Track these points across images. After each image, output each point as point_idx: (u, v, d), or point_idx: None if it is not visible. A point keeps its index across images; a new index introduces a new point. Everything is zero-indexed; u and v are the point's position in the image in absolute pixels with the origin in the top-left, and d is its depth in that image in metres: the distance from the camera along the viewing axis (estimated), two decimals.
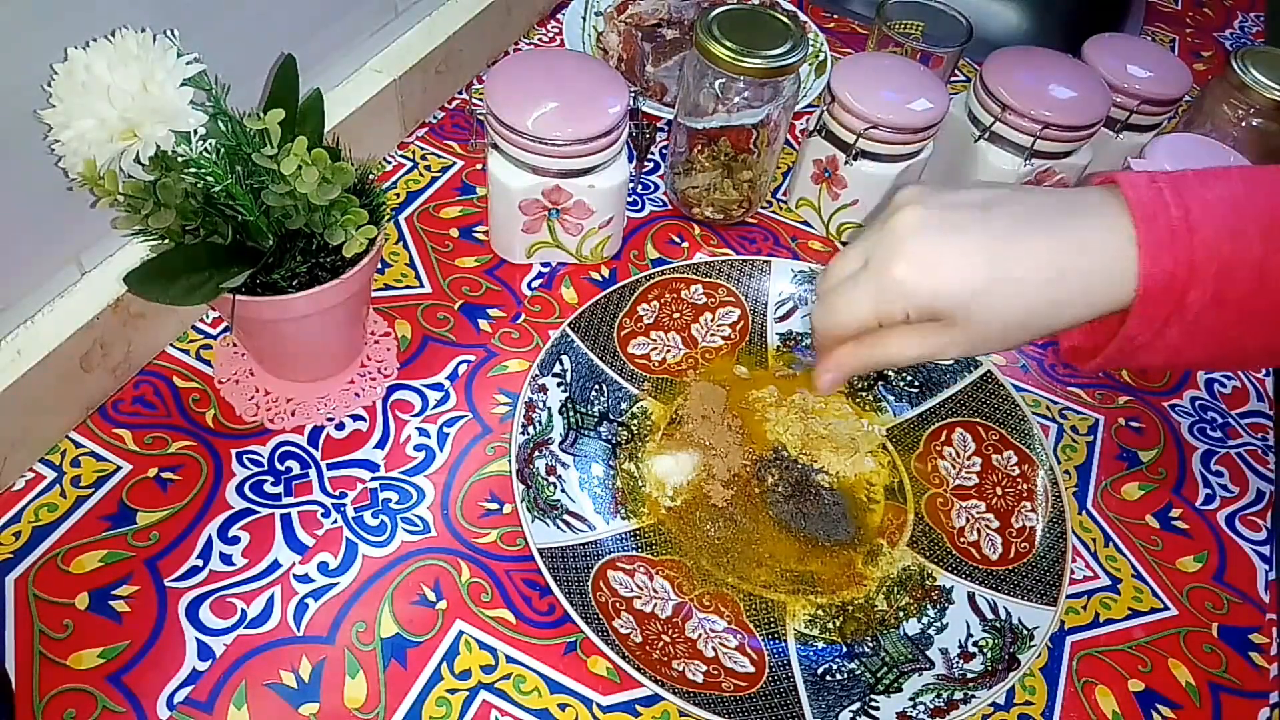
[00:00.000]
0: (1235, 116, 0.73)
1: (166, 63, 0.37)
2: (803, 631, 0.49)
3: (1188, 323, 0.34)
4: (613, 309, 0.58)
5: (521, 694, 0.45)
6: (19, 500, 0.48)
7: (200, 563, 0.47)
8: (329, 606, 0.47)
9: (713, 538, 0.52)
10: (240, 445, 0.52)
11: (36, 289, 0.49)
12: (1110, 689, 0.49)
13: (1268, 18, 1.06)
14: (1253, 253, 0.33)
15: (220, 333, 0.57)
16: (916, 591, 0.51)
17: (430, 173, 0.69)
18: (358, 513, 0.50)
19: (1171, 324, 0.34)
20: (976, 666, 0.47)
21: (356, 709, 0.44)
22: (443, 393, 0.57)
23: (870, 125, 0.62)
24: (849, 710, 0.45)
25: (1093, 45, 0.72)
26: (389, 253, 0.63)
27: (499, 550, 0.50)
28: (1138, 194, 0.34)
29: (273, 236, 0.46)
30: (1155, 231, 0.33)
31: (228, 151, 0.42)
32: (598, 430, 0.55)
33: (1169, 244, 0.33)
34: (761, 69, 0.58)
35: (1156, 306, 0.34)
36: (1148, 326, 0.34)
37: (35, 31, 0.42)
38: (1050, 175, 0.68)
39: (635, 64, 0.76)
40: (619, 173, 0.60)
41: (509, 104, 0.56)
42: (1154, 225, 0.33)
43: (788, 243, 0.70)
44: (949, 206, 0.37)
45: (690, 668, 0.45)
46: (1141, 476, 0.59)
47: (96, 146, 0.37)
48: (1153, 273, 0.33)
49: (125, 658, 0.44)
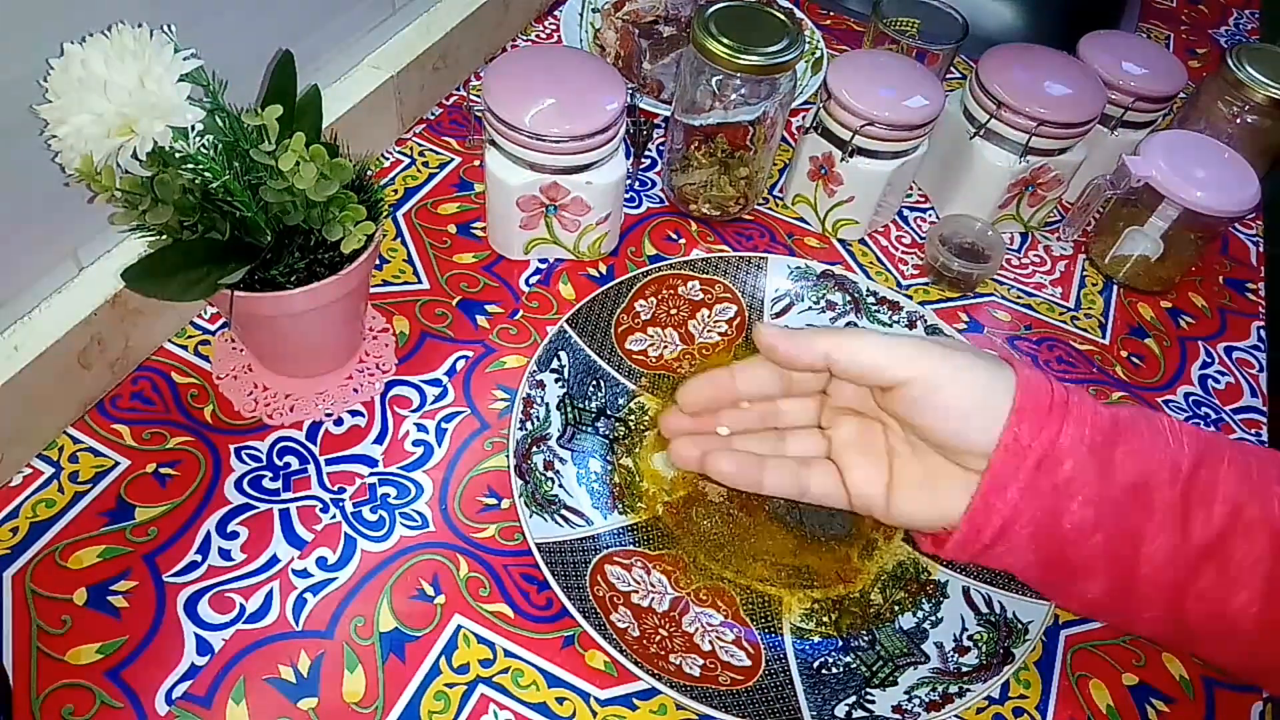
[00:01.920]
0: (1230, 113, 0.73)
1: (164, 58, 0.37)
2: (799, 625, 0.49)
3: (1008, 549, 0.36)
4: (610, 305, 0.58)
5: (520, 688, 0.46)
6: (16, 496, 0.48)
7: (199, 558, 0.48)
8: (328, 601, 0.47)
9: (709, 532, 0.52)
10: (239, 441, 0.52)
11: (34, 284, 0.49)
12: (1104, 683, 0.49)
13: (1262, 14, 1.07)
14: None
15: (218, 329, 0.57)
16: (912, 586, 0.51)
17: (428, 169, 0.69)
18: (356, 508, 0.51)
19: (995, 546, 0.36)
20: (971, 660, 0.47)
21: (355, 703, 0.44)
22: (441, 388, 0.57)
23: (866, 122, 0.62)
24: (845, 704, 0.45)
25: (1088, 42, 0.72)
26: (387, 249, 0.63)
27: (497, 545, 0.50)
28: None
29: (271, 232, 0.46)
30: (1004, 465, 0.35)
31: (225, 147, 0.42)
32: (595, 426, 0.55)
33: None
34: (758, 66, 0.58)
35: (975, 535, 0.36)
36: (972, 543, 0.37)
37: (32, 27, 0.42)
38: (1045, 172, 0.68)
39: (632, 61, 0.76)
40: (616, 169, 0.60)
41: (507, 100, 0.56)
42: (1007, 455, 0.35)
43: (784, 239, 0.70)
44: None
45: (687, 661, 0.45)
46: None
47: (93, 142, 0.37)
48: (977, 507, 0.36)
49: (124, 653, 0.44)
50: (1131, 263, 0.69)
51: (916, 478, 0.38)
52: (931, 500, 0.38)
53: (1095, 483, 0.34)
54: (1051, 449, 0.34)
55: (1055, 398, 0.35)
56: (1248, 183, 0.64)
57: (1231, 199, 0.63)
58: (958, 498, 0.36)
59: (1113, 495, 0.34)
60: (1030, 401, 0.35)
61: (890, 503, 0.39)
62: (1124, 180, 0.65)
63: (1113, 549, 0.35)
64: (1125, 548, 0.35)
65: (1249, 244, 0.78)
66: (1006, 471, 0.35)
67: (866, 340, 0.37)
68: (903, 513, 0.39)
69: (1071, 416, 0.35)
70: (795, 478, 0.41)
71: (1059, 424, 0.35)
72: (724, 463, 0.40)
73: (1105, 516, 0.35)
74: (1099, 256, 0.71)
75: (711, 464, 0.40)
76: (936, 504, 0.38)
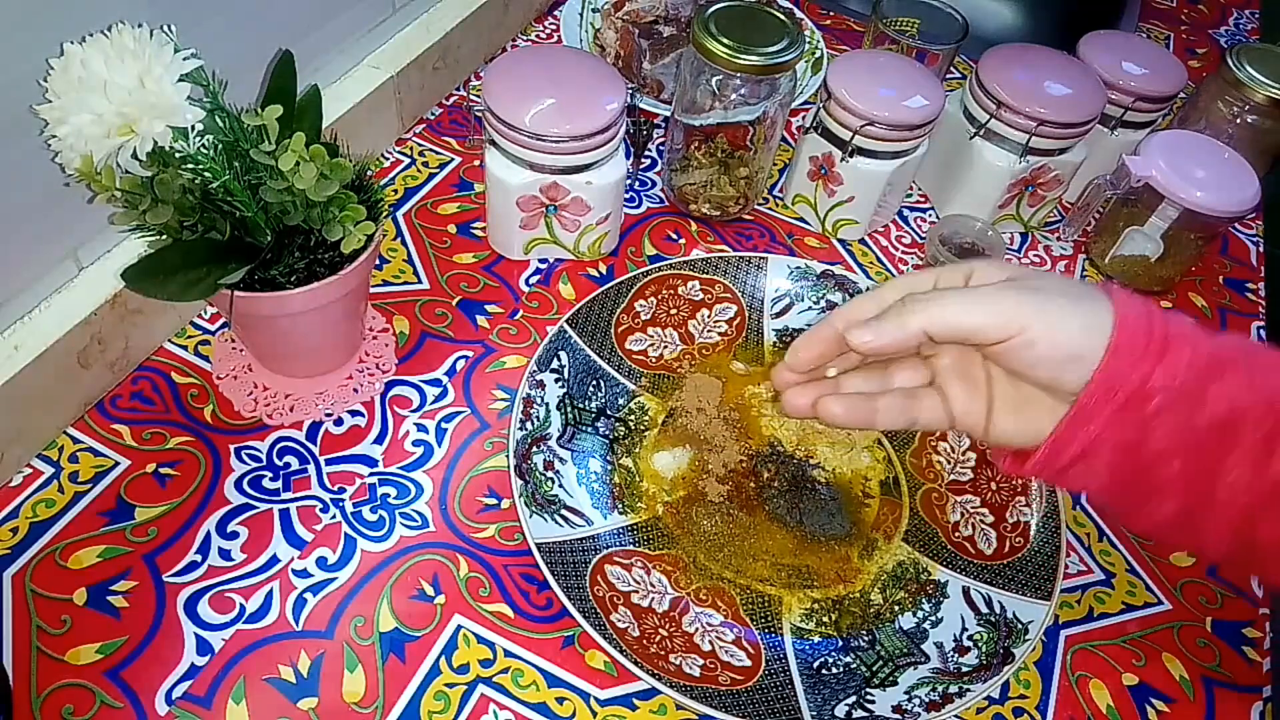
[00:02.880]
0: (1230, 113, 0.73)
1: (163, 58, 0.37)
2: (799, 625, 0.49)
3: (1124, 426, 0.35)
4: (610, 305, 0.58)
5: (519, 688, 0.46)
6: (16, 496, 0.48)
7: (199, 558, 0.47)
8: (328, 601, 0.47)
9: (709, 532, 0.52)
10: (239, 441, 0.52)
11: (34, 285, 0.49)
12: (1104, 683, 0.49)
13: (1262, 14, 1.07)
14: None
15: (218, 329, 0.57)
16: (912, 586, 0.51)
17: (428, 169, 0.69)
18: (356, 508, 0.51)
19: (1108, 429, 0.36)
20: (971, 660, 0.47)
21: (355, 703, 0.44)
22: (441, 388, 0.57)
23: (866, 122, 0.62)
24: (845, 704, 0.45)
25: (1088, 42, 0.72)
26: (387, 249, 0.63)
27: (497, 545, 0.50)
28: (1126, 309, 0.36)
29: (271, 232, 0.46)
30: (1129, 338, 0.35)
31: (225, 147, 0.42)
32: (595, 426, 0.55)
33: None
34: (758, 66, 0.58)
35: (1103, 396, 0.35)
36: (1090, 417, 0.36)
37: (32, 27, 0.42)
38: (1045, 172, 0.68)
39: (632, 61, 0.76)
40: (616, 169, 0.60)
41: (506, 100, 0.56)
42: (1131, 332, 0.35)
43: (784, 239, 0.70)
44: None
45: (687, 661, 0.45)
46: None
47: (93, 142, 0.37)
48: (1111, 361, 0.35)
49: (123, 653, 0.44)
50: (1131, 263, 0.69)
51: (1013, 402, 0.39)
52: (1026, 423, 0.39)
53: (1181, 418, 0.35)
54: (1141, 388, 0.35)
55: (1154, 336, 0.35)
56: (1248, 183, 0.64)
57: (1231, 199, 0.63)
58: (1047, 422, 0.37)
59: (1198, 430, 0.35)
60: (1126, 343, 0.35)
61: (989, 427, 0.40)
62: (1124, 180, 0.65)
63: (1190, 477, 0.35)
64: (1203, 478, 0.35)
65: (1249, 244, 0.77)
66: (1093, 407, 0.35)
67: (959, 306, 0.37)
68: (1000, 435, 0.40)
69: (1169, 356, 0.35)
70: (904, 412, 0.41)
71: (1153, 364, 0.35)
72: (835, 408, 0.40)
73: (1187, 448, 0.35)
74: (1099, 256, 0.71)
75: (823, 411, 0.40)
76: (1030, 426, 0.38)
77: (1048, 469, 0.38)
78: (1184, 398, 0.35)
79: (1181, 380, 0.35)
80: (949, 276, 0.40)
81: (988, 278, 0.38)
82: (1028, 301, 0.36)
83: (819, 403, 0.41)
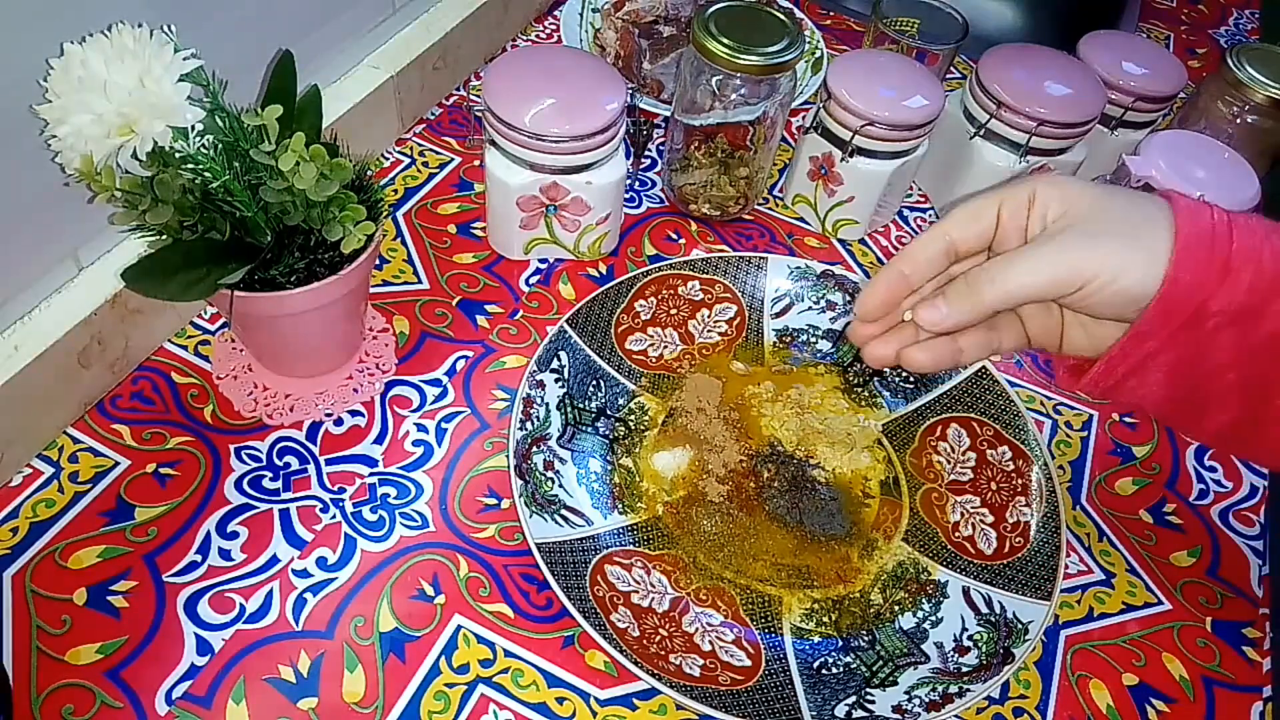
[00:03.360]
0: (1230, 113, 0.73)
1: (163, 58, 0.37)
2: (799, 625, 0.49)
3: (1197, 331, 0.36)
4: (610, 305, 0.58)
5: (519, 688, 0.46)
6: (16, 496, 0.48)
7: (199, 558, 0.48)
8: (328, 601, 0.47)
9: (709, 532, 0.52)
10: (239, 441, 0.52)
11: (34, 284, 0.49)
12: (1104, 683, 0.49)
13: (1263, 14, 1.07)
14: None
15: (218, 329, 0.57)
16: (912, 586, 0.51)
17: (428, 169, 0.69)
18: (356, 508, 0.51)
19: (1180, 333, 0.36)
20: (971, 660, 0.47)
21: (355, 703, 0.44)
22: (441, 388, 0.57)
23: (866, 122, 0.62)
24: (845, 704, 0.45)
25: (1088, 42, 0.72)
26: (387, 249, 0.63)
27: (497, 545, 0.50)
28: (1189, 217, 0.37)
29: (271, 232, 0.46)
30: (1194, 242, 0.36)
31: (225, 147, 0.42)
32: (595, 426, 0.55)
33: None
34: (758, 66, 0.58)
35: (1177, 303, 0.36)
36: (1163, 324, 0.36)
37: (31, 27, 0.42)
38: (1045, 172, 0.68)
39: (632, 61, 0.76)
40: (616, 169, 0.60)
41: (506, 100, 0.56)
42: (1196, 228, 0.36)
43: (784, 239, 0.70)
44: None
45: (687, 661, 0.45)
46: (1135, 472, 0.59)
47: (93, 142, 0.37)
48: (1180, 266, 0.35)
49: (123, 653, 0.44)
50: None
51: (1081, 320, 0.41)
52: (1097, 336, 0.40)
53: (1239, 334, 0.36)
54: (1200, 310, 0.35)
55: (1215, 259, 0.35)
56: (1248, 183, 0.64)
57: (1231, 199, 0.63)
58: (1118, 333, 0.38)
59: (1255, 345, 0.36)
60: (1185, 271, 0.35)
61: (1062, 344, 0.42)
62: (1124, 180, 0.65)
63: (1247, 389, 0.36)
64: (1260, 390, 0.36)
65: None
66: (1150, 330, 0.36)
67: (1024, 268, 0.37)
68: (1072, 349, 0.42)
69: (1230, 279, 0.35)
70: (988, 344, 0.42)
71: (1213, 288, 0.35)
72: (920, 355, 0.41)
73: (1244, 361, 0.36)
74: None
75: (908, 361, 0.41)
76: (1102, 338, 0.40)
77: (1101, 385, 0.39)
78: (1243, 315, 0.35)
79: (1242, 300, 0.35)
80: (1012, 199, 0.39)
81: (1050, 208, 0.38)
82: (1089, 253, 0.36)
83: (902, 355, 0.42)
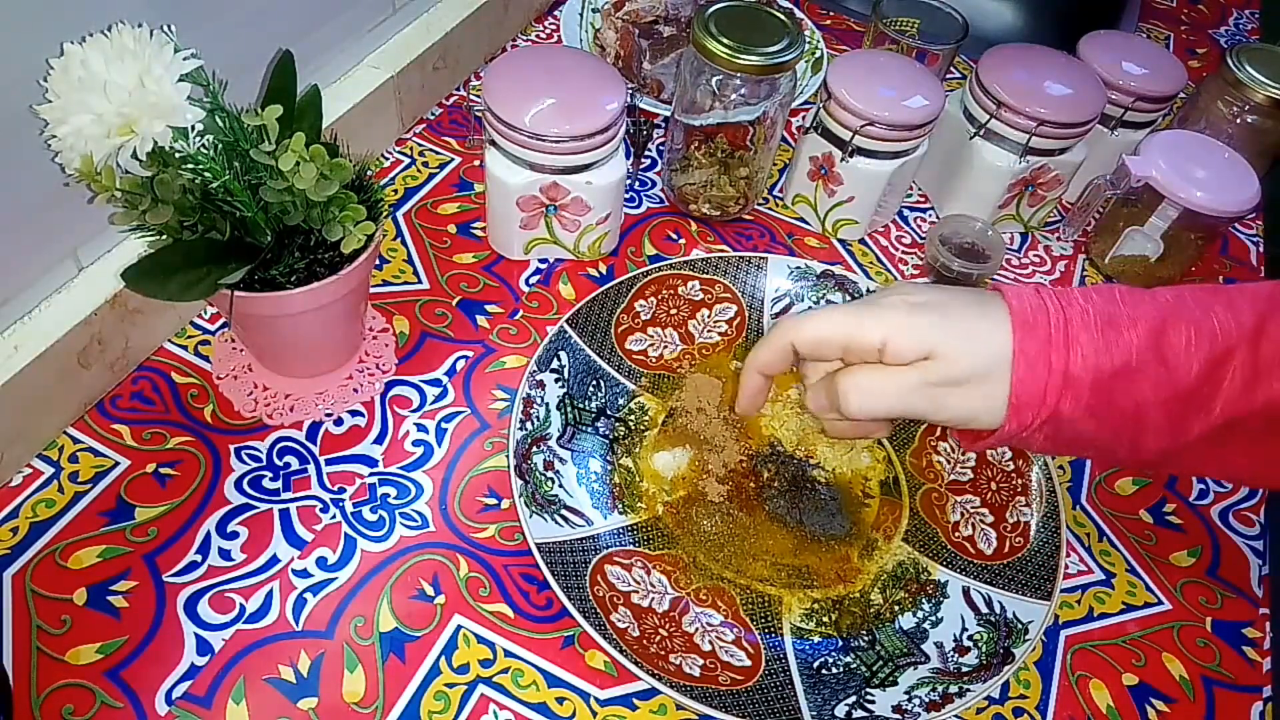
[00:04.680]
0: (1230, 113, 0.73)
1: (164, 58, 0.37)
2: (799, 625, 0.49)
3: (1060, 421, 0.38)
4: (610, 305, 0.58)
5: (519, 688, 0.46)
6: (16, 496, 0.48)
7: (199, 558, 0.48)
8: (328, 601, 0.47)
9: (709, 532, 0.52)
10: (239, 441, 0.52)
11: (34, 284, 0.49)
12: (1104, 683, 0.49)
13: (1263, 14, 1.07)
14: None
15: (218, 329, 0.57)
16: (912, 586, 0.51)
17: (428, 169, 0.69)
18: (356, 508, 0.51)
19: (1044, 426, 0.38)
20: (971, 660, 0.47)
21: (355, 703, 0.44)
22: (441, 388, 0.57)
23: (866, 122, 0.62)
24: (845, 704, 0.45)
25: (1088, 42, 0.72)
26: (387, 249, 0.63)
27: (497, 545, 0.50)
28: (1020, 303, 0.38)
29: (271, 232, 0.46)
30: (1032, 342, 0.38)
31: (225, 147, 0.42)
32: (595, 426, 0.55)
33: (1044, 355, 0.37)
34: (758, 66, 0.58)
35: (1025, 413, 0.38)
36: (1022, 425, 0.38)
37: (31, 27, 0.42)
38: (1045, 172, 0.68)
39: (632, 61, 0.76)
40: (616, 169, 0.60)
41: (506, 101, 0.56)
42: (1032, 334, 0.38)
43: (784, 239, 0.70)
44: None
45: (687, 661, 0.45)
46: (1135, 472, 0.59)
47: (93, 142, 0.37)
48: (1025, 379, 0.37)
49: (123, 653, 0.44)
50: (1131, 263, 0.69)
51: None
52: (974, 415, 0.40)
53: (1095, 421, 0.38)
54: (1054, 413, 0.37)
55: (1054, 373, 0.37)
56: (1248, 183, 0.64)
57: (1231, 199, 0.63)
58: (979, 401, 0.39)
59: (1112, 413, 0.38)
60: (1028, 396, 0.37)
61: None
62: (1124, 180, 0.65)
63: (1115, 438, 0.39)
64: (1123, 447, 0.39)
65: (1249, 244, 0.77)
66: (1014, 431, 0.38)
67: (879, 396, 0.39)
68: (950, 419, 0.41)
69: (1070, 390, 0.37)
70: (868, 429, 0.46)
71: (1055, 399, 0.37)
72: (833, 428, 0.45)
73: (1103, 427, 0.38)
74: (1099, 256, 0.71)
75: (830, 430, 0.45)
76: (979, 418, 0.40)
77: (995, 448, 0.41)
78: (1095, 408, 0.37)
79: (1087, 400, 0.37)
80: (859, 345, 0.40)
81: (901, 356, 0.39)
82: (943, 397, 0.38)
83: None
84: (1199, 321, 0.37)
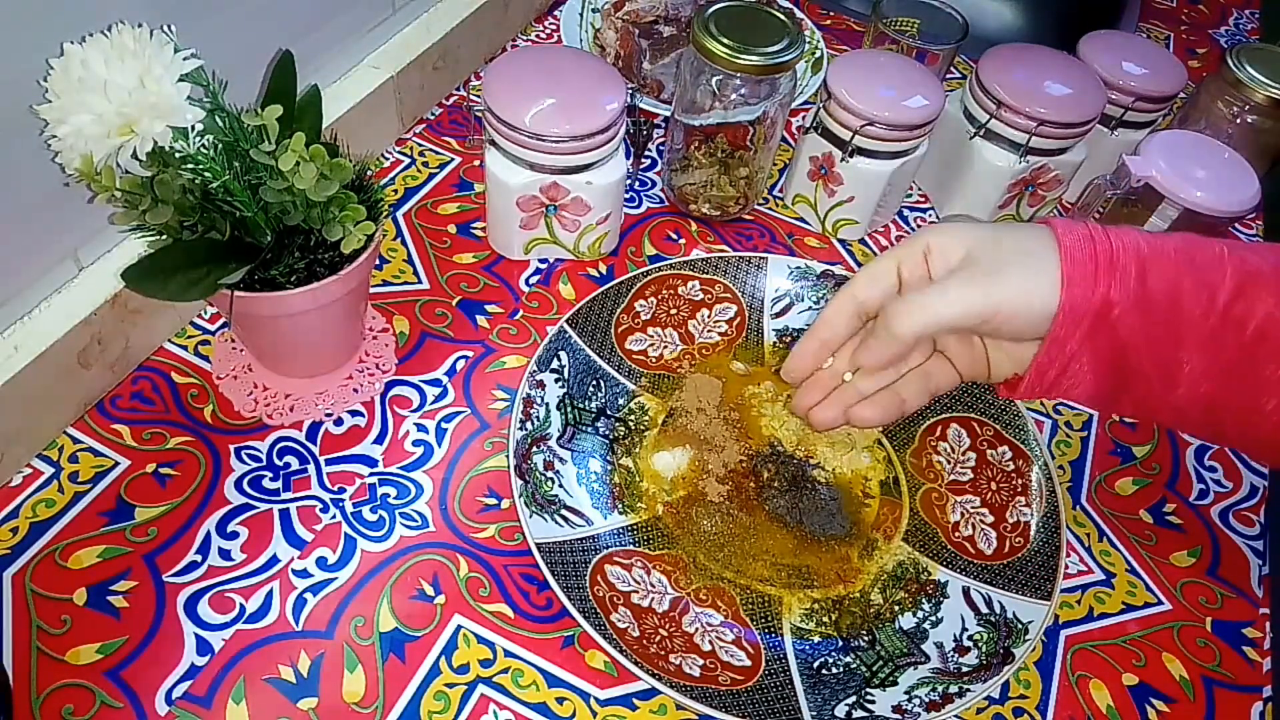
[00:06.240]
0: (1230, 113, 0.73)
1: (164, 58, 0.37)
2: (799, 625, 0.49)
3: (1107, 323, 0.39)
4: (610, 305, 0.58)
5: (519, 688, 0.46)
6: (16, 496, 0.48)
7: (199, 558, 0.48)
8: (328, 601, 0.47)
9: (709, 532, 0.52)
10: (239, 441, 0.52)
11: (34, 284, 0.49)
12: (1104, 683, 0.49)
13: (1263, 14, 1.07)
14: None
15: (218, 329, 0.57)
16: (912, 586, 0.51)
17: (428, 169, 0.69)
18: (356, 508, 0.51)
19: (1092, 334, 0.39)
20: (971, 660, 0.47)
21: (355, 703, 0.44)
22: (441, 388, 0.57)
23: (866, 122, 0.62)
24: (845, 704, 0.45)
25: (1088, 42, 0.72)
26: (387, 249, 0.63)
27: (497, 545, 0.50)
28: (1058, 222, 0.40)
29: (271, 232, 0.46)
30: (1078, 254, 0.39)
31: (225, 147, 0.42)
32: (595, 426, 0.55)
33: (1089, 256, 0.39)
34: (758, 66, 0.58)
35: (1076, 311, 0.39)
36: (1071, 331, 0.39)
37: (31, 26, 0.42)
38: (1045, 172, 0.68)
39: (633, 61, 0.76)
40: (616, 169, 0.60)
41: (506, 101, 0.56)
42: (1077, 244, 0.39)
43: (784, 239, 0.70)
44: None
45: (687, 661, 0.45)
46: (1135, 472, 0.59)
47: (93, 142, 0.37)
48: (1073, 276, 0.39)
49: (123, 653, 0.44)
50: None
51: (1003, 346, 0.44)
52: (1018, 363, 0.43)
53: (1141, 316, 0.39)
54: (1104, 303, 0.38)
55: (1099, 256, 0.38)
56: (1248, 183, 0.64)
57: (1231, 199, 0.63)
58: (1035, 350, 0.41)
59: (1151, 324, 0.38)
60: (1078, 276, 0.38)
61: (991, 373, 0.45)
62: (1124, 180, 0.65)
63: (1157, 364, 0.39)
64: (1166, 363, 0.39)
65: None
66: (1065, 334, 0.39)
67: (937, 300, 0.40)
68: (1001, 375, 0.45)
69: (1118, 272, 0.38)
70: (926, 389, 0.45)
71: (1106, 281, 0.38)
72: (867, 412, 0.44)
73: (1152, 340, 0.39)
74: None
75: (857, 419, 0.44)
76: (1021, 364, 0.43)
77: (1036, 390, 0.42)
78: (1139, 300, 0.38)
79: (1134, 286, 0.38)
80: (909, 256, 0.42)
81: (950, 254, 0.41)
82: (992, 287, 0.39)
83: (850, 413, 0.44)
84: (1223, 251, 0.39)
